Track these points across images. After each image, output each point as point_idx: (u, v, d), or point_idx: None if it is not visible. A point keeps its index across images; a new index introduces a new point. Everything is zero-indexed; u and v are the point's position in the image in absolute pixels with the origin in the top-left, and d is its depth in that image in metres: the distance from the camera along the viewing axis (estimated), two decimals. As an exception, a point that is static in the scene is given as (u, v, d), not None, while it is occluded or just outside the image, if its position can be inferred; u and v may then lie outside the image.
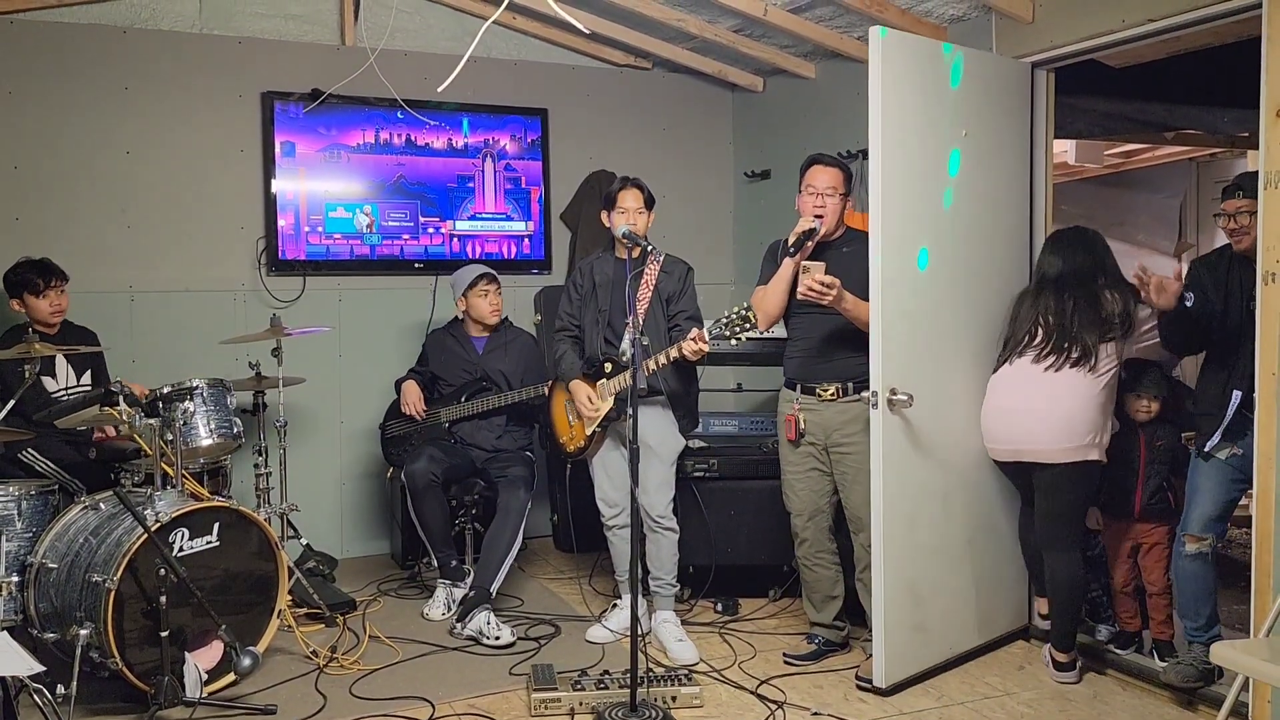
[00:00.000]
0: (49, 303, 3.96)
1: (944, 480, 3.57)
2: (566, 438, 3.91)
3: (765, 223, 5.53)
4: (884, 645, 3.38)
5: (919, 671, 3.51)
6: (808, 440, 3.61)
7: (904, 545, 3.43)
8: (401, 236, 5.02)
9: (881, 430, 3.32)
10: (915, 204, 3.44)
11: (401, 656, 3.75)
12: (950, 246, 3.56)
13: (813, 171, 3.56)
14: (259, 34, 4.84)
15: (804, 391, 3.61)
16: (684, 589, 4.21)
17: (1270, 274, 2.97)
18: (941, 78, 3.49)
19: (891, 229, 3.33)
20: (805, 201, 3.55)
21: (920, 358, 3.46)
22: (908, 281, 3.42)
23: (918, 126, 3.42)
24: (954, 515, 3.61)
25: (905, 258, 3.41)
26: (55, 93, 4.49)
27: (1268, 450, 3.00)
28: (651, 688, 3.26)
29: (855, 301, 3.39)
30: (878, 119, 3.27)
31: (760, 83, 5.51)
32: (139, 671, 3.15)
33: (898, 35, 3.36)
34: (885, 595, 3.37)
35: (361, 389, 5.02)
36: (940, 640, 3.59)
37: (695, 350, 3.45)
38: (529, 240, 5.33)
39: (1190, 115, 4.61)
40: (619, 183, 3.80)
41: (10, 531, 3.35)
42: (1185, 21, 3.30)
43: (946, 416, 3.56)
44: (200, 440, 3.84)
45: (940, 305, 3.54)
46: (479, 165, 5.17)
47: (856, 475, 3.51)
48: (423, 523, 4.25)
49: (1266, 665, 2.48)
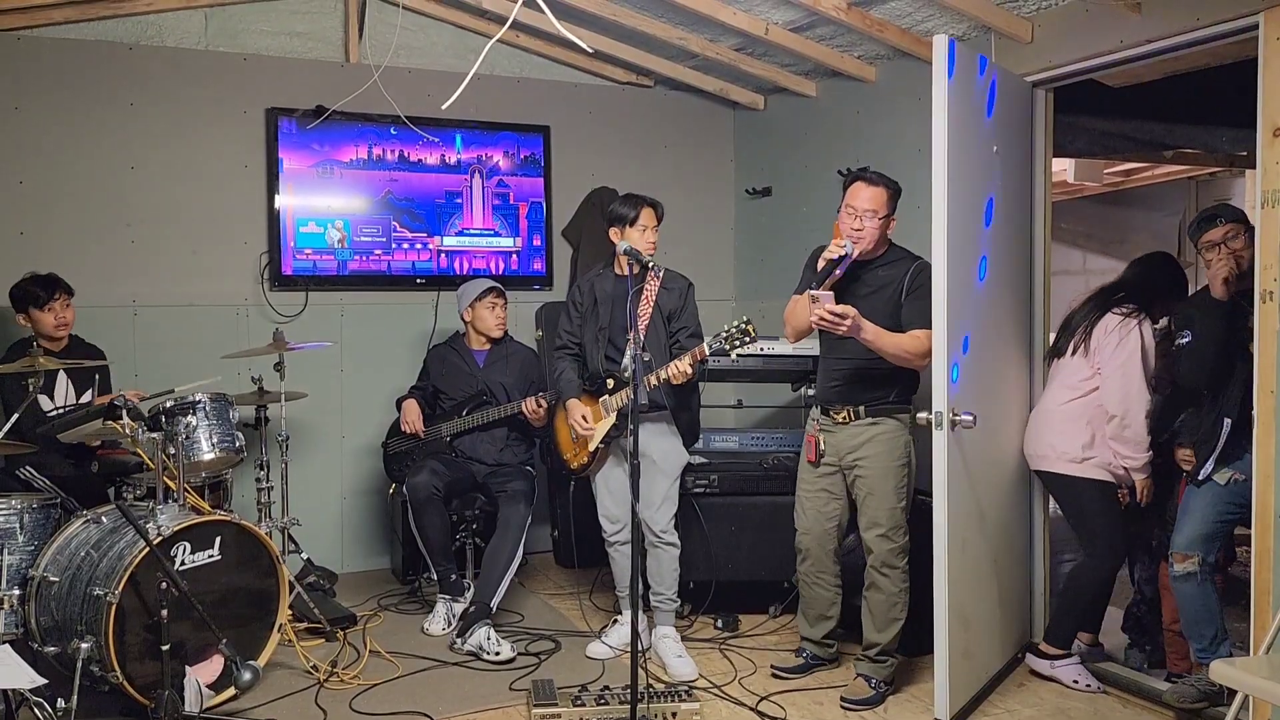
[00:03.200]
0: (53, 316, 3.97)
1: (982, 501, 3.48)
2: (570, 454, 3.92)
3: (766, 240, 5.56)
4: (948, 675, 3.17)
5: (969, 699, 3.38)
6: (826, 461, 3.58)
7: (958, 571, 3.25)
8: (374, 252, 5.01)
9: (946, 453, 3.13)
10: (970, 222, 3.34)
11: (401, 671, 3.75)
12: (992, 265, 3.47)
13: (854, 189, 3.36)
14: (264, 51, 4.88)
15: (823, 413, 3.58)
16: (684, 605, 4.21)
17: (1268, 292, 2.99)
18: (980, 93, 3.41)
19: (956, 247, 3.16)
20: (843, 221, 3.36)
21: (968, 377, 3.33)
22: (961, 301, 3.27)
23: (968, 142, 3.28)
24: (988, 536, 3.53)
25: (963, 277, 3.26)
26: (61, 108, 4.52)
27: (1266, 469, 3.01)
28: (652, 703, 3.26)
29: (877, 332, 3.25)
30: (942, 131, 3.09)
31: (761, 101, 5.54)
32: (139, 685, 3.15)
33: (962, 46, 3.22)
34: (948, 622, 3.18)
35: (363, 404, 5.04)
36: (981, 665, 3.50)
37: (681, 372, 3.45)
38: (517, 256, 5.33)
39: (1189, 134, 4.63)
40: (634, 202, 3.70)
41: (12, 545, 3.35)
42: (1183, 42, 3.32)
43: (989, 436, 3.48)
44: (202, 454, 3.84)
45: (984, 324, 3.45)
46: (467, 181, 5.19)
47: (868, 498, 3.49)
48: (424, 536, 4.25)
49: (1266, 683, 2.48)
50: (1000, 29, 3.82)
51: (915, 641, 3.58)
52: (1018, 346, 3.80)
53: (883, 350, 3.30)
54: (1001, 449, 3.65)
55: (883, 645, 3.51)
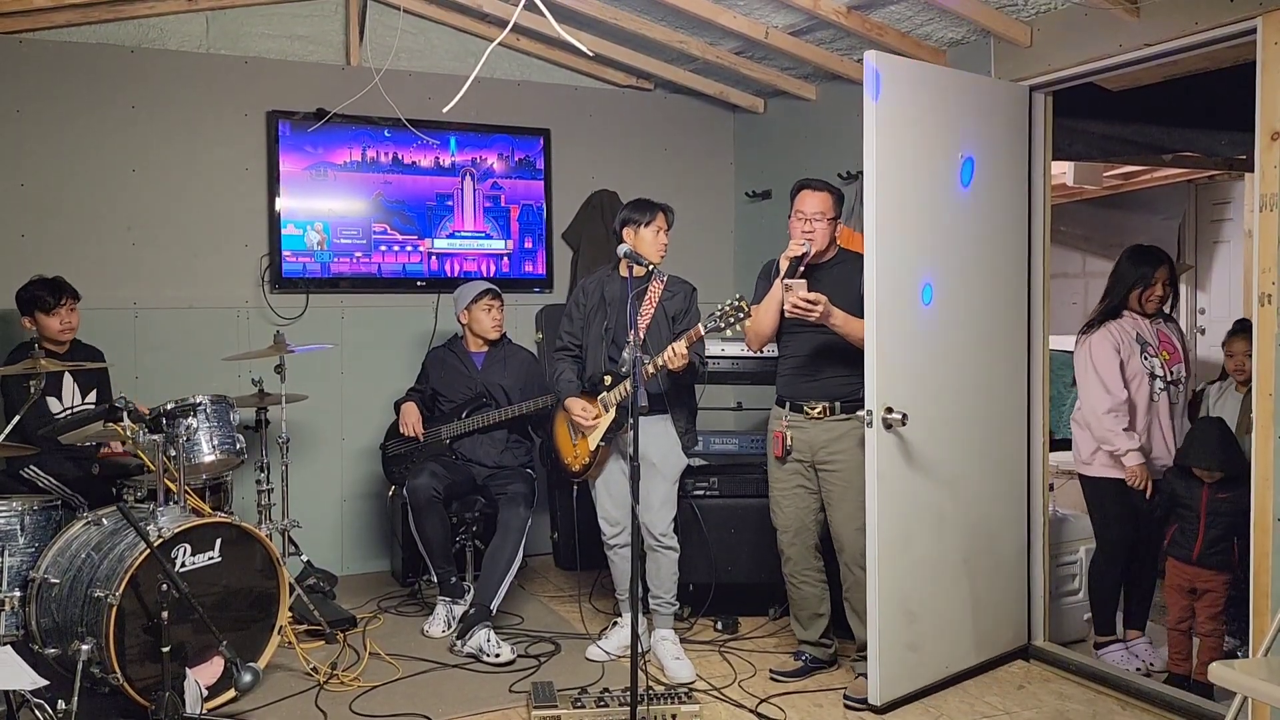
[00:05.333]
0: (59, 320, 3.99)
1: (939, 498, 3.57)
2: (570, 457, 3.92)
3: (766, 242, 5.56)
4: (878, 663, 3.38)
5: (914, 690, 3.51)
6: (794, 457, 3.63)
7: (898, 564, 3.42)
8: (355, 254, 4.99)
9: (877, 448, 3.34)
10: (914, 224, 3.46)
11: (401, 674, 3.75)
12: (954, 266, 3.58)
13: (801, 196, 3.59)
14: (265, 54, 4.89)
15: (793, 409, 3.64)
16: (684, 607, 4.22)
17: (1266, 295, 3.00)
18: (941, 99, 3.51)
19: (888, 248, 3.35)
20: (794, 225, 3.58)
21: (919, 376, 3.47)
22: (906, 300, 3.44)
23: (914, 146, 3.44)
24: (948, 534, 3.62)
25: (901, 278, 3.42)
26: (63, 111, 4.53)
27: (1265, 471, 3.02)
28: (651, 706, 3.26)
29: (845, 318, 3.42)
30: (872, 139, 3.30)
31: (761, 104, 5.55)
32: (140, 687, 3.16)
33: (889, 59, 3.39)
34: (880, 613, 3.37)
35: (364, 406, 5.04)
36: (934, 659, 3.59)
37: (679, 353, 3.50)
38: (508, 259, 5.33)
39: (1188, 138, 4.65)
40: (651, 206, 3.80)
41: (13, 546, 3.37)
42: (1181, 46, 3.33)
43: (943, 434, 3.56)
44: (203, 456, 3.85)
45: (942, 324, 3.56)
46: (459, 184, 5.20)
47: (842, 494, 3.54)
48: (424, 538, 4.26)
49: (1265, 685, 2.48)
50: (999, 33, 3.83)
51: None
52: (1002, 345, 3.81)
53: (851, 335, 3.45)
54: (967, 451, 3.67)
55: None
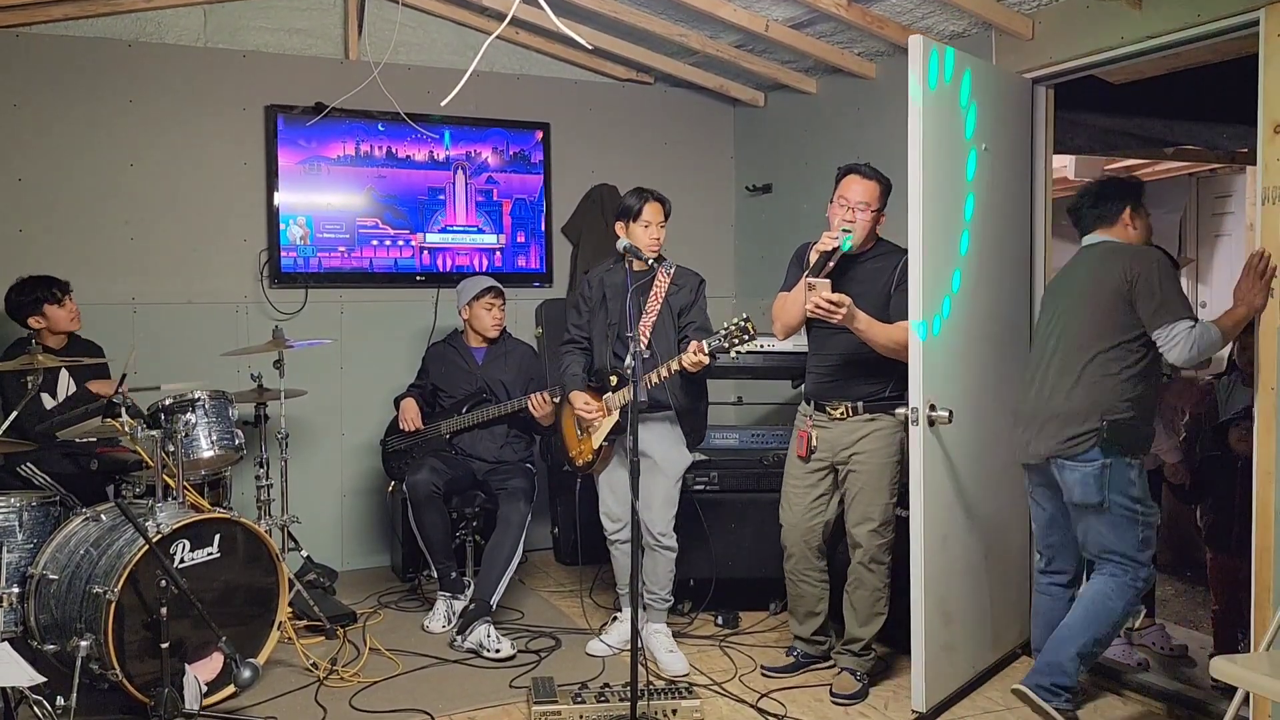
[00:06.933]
0: (68, 311, 4.02)
1: (970, 496, 3.49)
2: (576, 451, 3.91)
3: (766, 237, 5.56)
4: (924, 669, 3.23)
5: (953, 692, 3.42)
6: (817, 457, 3.57)
7: (937, 564, 3.30)
8: (338, 248, 4.96)
9: (922, 448, 3.19)
10: (949, 217, 3.35)
11: (402, 669, 3.75)
12: (974, 260, 3.49)
13: (847, 181, 3.38)
14: (263, 48, 4.87)
15: (817, 409, 3.57)
16: (685, 602, 4.21)
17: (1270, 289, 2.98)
18: (952, 90, 3.42)
19: (933, 245, 3.20)
20: (835, 212, 3.38)
21: (954, 372, 3.37)
22: (943, 295, 3.31)
23: (943, 137, 3.30)
24: (976, 531, 3.53)
25: (940, 270, 3.28)
26: (60, 105, 4.51)
27: (1266, 465, 3.01)
28: (652, 701, 3.26)
29: (869, 322, 3.27)
30: (918, 129, 3.14)
31: (762, 98, 5.53)
32: (139, 683, 3.16)
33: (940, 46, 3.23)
34: (925, 617, 3.23)
35: (363, 401, 5.03)
36: (965, 659, 3.52)
37: (695, 362, 3.41)
38: (500, 253, 5.31)
39: (1189, 131, 4.63)
40: (640, 196, 3.68)
41: (11, 543, 3.36)
42: (1183, 38, 3.32)
43: (976, 431, 3.48)
44: (202, 452, 3.84)
45: (970, 318, 3.46)
46: (451, 178, 5.18)
47: (860, 494, 3.49)
48: (424, 534, 4.25)
49: (1266, 680, 2.48)
50: (1001, 26, 3.81)
51: (895, 636, 3.62)
52: (1013, 341, 3.77)
53: (874, 340, 3.31)
54: (995, 444, 3.63)
55: (866, 640, 3.53)
